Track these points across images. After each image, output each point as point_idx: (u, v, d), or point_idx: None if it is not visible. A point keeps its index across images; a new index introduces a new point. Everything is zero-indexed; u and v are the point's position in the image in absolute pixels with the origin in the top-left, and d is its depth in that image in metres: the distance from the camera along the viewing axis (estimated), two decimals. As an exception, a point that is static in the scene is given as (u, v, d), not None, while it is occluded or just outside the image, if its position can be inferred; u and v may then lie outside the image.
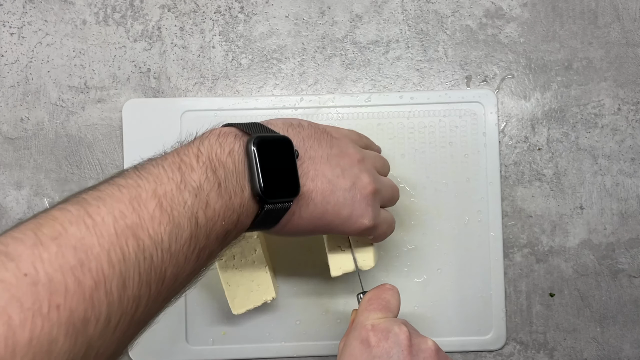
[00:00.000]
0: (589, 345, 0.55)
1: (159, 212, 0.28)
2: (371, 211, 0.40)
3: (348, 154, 0.40)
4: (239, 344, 0.54)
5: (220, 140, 0.34)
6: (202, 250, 0.31)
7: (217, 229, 0.31)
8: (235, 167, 0.33)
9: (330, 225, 0.39)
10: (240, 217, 0.33)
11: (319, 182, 0.38)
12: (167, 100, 0.55)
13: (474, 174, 0.54)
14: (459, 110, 0.54)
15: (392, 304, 0.42)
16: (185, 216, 0.29)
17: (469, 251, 0.54)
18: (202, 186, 0.31)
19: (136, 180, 0.29)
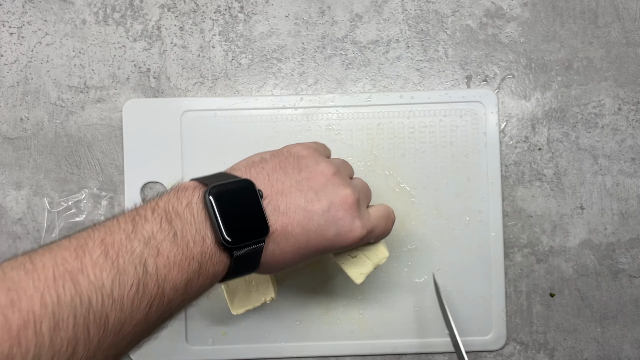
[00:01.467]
0: (589, 345, 0.55)
1: (103, 258, 0.29)
2: (359, 221, 0.39)
3: (319, 172, 0.39)
4: (238, 344, 0.53)
5: (178, 194, 0.34)
6: (155, 299, 0.30)
7: (174, 277, 0.31)
8: (194, 218, 0.33)
9: (320, 248, 0.38)
10: (204, 266, 0.33)
11: (293, 213, 0.37)
12: (167, 100, 0.55)
13: (474, 173, 0.54)
14: (460, 110, 0.54)
15: None
16: (132, 263, 0.30)
17: (470, 251, 0.54)
18: (155, 235, 0.31)
19: (88, 232, 0.30)
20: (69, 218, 0.54)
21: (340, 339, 0.54)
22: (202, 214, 0.34)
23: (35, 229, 0.54)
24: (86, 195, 0.55)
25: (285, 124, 0.54)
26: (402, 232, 0.54)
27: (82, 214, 0.54)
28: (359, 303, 0.54)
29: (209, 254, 0.33)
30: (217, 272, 0.34)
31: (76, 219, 0.54)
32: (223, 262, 0.34)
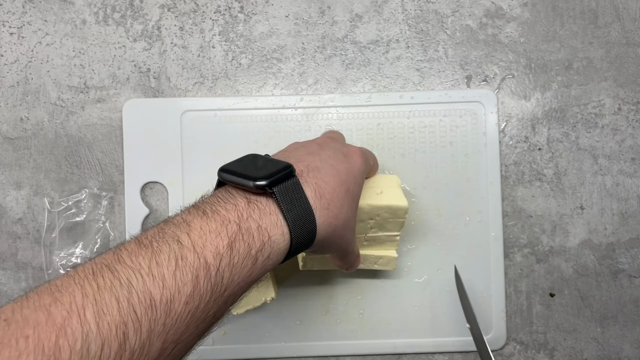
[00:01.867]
0: (589, 345, 0.55)
1: (137, 247, 0.30)
2: (350, 147, 0.42)
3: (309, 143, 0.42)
4: (239, 344, 0.53)
5: (205, 195, 0.36)
6: (199, 269, 0.30)
7: (213, 244, 0.31)
8: (220, 198, 0.34)
9: (349, 171, 0.40)
10: (244, 223, 0.33)
11: (305, 158, 0.38)
12: (167, 100, 0.55)
13: (474, 173, 0.54)
14: (460, 110, 0.54)
15: None
16: (166, 243, 0.30)
17: (470, 251, 0.54)
18: (184, 219, 0.32)
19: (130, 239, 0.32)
20: (69, 218, 0.54)
21: (341, 339, 0.54)
22: (225, 192, 0.35)
23: (35, 229, 0.54)
24: (86, 195, 0.55)
25: (285, 124, 0.54)
26: (402, 232, 0.54)
27: (83, 213, 0.54)
28: (359, 303, 0.54)
29: (247, 213, 0.33)
30: (268, 227, 0.33)
31: (76, 219, 0.54)
32: (267, 214, 0.34)
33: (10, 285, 0.54)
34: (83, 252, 0.54)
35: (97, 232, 0.55)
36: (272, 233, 0.34)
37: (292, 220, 0.34)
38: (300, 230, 0.35)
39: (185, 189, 0.54)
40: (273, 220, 0.34)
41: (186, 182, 0.54)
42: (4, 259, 0.55)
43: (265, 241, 0.33)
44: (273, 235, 0.34)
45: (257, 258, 0.33)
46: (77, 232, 0.55)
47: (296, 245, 0.35)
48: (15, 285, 0.54)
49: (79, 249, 0.54)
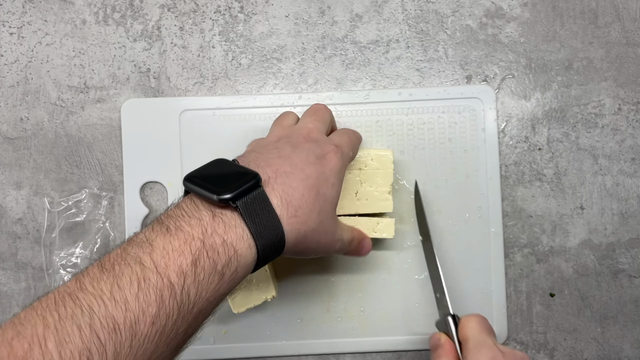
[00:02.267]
0: (589, 345, 0.55)
1: (100, 272, 0.30)
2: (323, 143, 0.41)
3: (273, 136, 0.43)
4: (239, 342, 0.54)
5: (171, 205, 0.36)
6: (163, 289, 0.30)
7: (176, 263, 0.31)
8: (184, 210, 0.34)
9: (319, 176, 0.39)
10: (208, 239, 0.32)
11: (274, 162, 0.38)
12: (165, 100, 0.55)
13: (473, 170, 0.54)
14: (458, 106, 0.54)
15: (494, 332, 0.45)
16: (127, 265, 0.31)
17: (470, 248, 0.54)
18: (147, 237, 0.32)
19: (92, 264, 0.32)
20: (69, 218, 0.54)
21: (341, 337, 0.54)
22: (191, 203, 0.35)
23: (35, 229, 0.54)
24: (86, 195, 0.55)
25: (284, 123, 0.54)
26: (402, 229, 0.54)
27: (83, 213, 0.54)
28: (359, 300, 0.54)
29: (212, 228, 0.33)
30: (233, 242, 0.33)
31: (76, 219, 0.55)
32: (233, 227, 0.34)
33: (10, 285, 0.54)
34: (83, 252, 0.54)
35: (97, 232, 0.55)
36: (238, 247, 0.33)
37: (258, 233, 0.34)
38: (267, 241, 0.35)
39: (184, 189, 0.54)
40: (239, 233, 0.34)
41: (186, 182, 0.54)
42: (4, 259, 0.55)
43: (231, 256, 0.33)
44: (239, 249, 0.33)
45: (223, 273, 0.33)
46: (77, 232, 0.55)
47: (264, 255, 0.35)
48: (15, 285, 0.54)
49: (79, 249, 0.54)
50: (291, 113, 0.48)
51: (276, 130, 0.44)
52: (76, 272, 0.33)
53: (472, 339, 0.42)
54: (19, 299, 0.54)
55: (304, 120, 0.44)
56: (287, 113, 0.48)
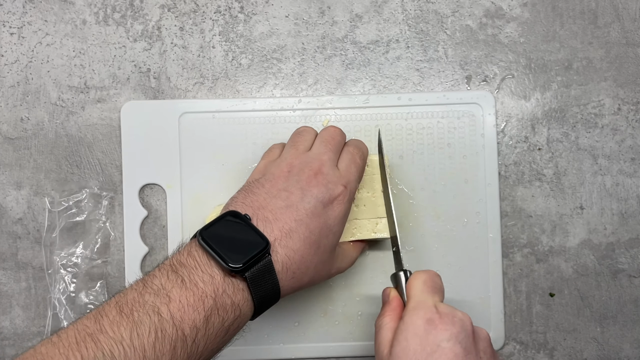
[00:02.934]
0: (589, 345, 0.55)
1: (119, 316, 0.32)
2: (332, 184, 0.42)
3: (277, 175, 0.43)
4: (237, 345, 0.53)
5: (181, 249, 0.38)
6: (177, 340, 0.33)
7: (190, 318, 0.34)
8: (197, 262, 0.36)
9: (323, 227, 0.40)
10: (219, 300, 0.35)
11: (281, 215, 0.39)
12: (165, 102, 0.55)
13: (472, 175, 0.54)
14: (457, 111, 0.54)
15: (443, 289, 0.43)
16: (146, 314, 0.33)
17: (468, 253, 0.54)
18: (164, 286, 0.34)
19: (107, 301, 0.34)
20: (69, 218, 0.55)
21: (339, 340, 0.54)
22: (203, 256, 0.37)
23: (35, 229, 0.55)
24: (87, 195, 0.55)
25: (283, 125, 0.54)
26: (400, 233, 0.54)
27: (83, 213, 0.55)
28: (357, 304, 0.54)
29: (222, 288, 0.35)
30: (240, 303, 0.36)
31: (77, 219, 0.55)
32: (240, 290, 0.36)
33: (11, 285, 0.55)
34: (84, 252, 0.54)
35: (98, 232, 0.55)
36: (242, 308, 0.37)
37: (259, 298, 0.37)
38: (265, 302, 0.38)
39: (183, 191, 0.54)
40: (245, 296, 0.37)
41: (184, 184, 0.54)
42: (4, 259, 0.55)
43: (237, 315, 0.37)
44: (243, 310, 0.37)
45: (228, 329, 0.36)
46: (77, 231, 0.55)
47: (260, 312, 0.39)
48: (16, 285, 0.55)
49: (79, 249, 0.55)
50: (308, 133, 0.47)
51: (290, 156, 0.44)
52: (92, 308, 0.35)
53: (412, 298, 0.41)
54: (19, 299, 0.54)
55: (319, 147, 0.44)
56: (305, 132, 0.47)
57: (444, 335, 0.37)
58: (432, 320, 0.38)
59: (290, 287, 0.40)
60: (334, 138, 0.46)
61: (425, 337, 0.37)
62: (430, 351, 0.37)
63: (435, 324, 0.38)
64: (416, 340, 0.37)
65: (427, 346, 0.37)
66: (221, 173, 0.54)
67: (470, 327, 0.39)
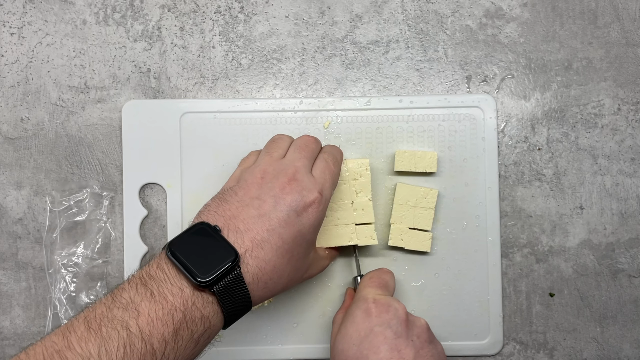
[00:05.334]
0: (589, 345, 0.55)
1: (87, 332, 0.32)
2: (306, 191, 0.41)
3: (250, 183, 0.42)
4: (235, 346, 0.53)
5: (150, 262, 0.38)
6: (146, 354, 0.33)
7: (159, 331, 0.34)
8: (166, 275, 0.36)
9: (296, 235, 0.40)
10: (189, 313, 0.35)
11: (253, 225, 0.39)
12: (166, 102, 0.55)
13: (472, 178, 0.54)
14: (458, 115, 0.54)
15: (390, 284, 0.48)
16: (115, 329, 0.32)
17: (467, 256, 0.54)
18: (132, 299, 0.34)
19: (75, 316, 0.34)
20: (70, 217, 0.55)
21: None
22: (172, 269, 0.36)
23: (35, 229, 0.55)
24: (88, 195, 0.55)
25: (284, 126, 0.54)
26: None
27: (84, 213, 0.55)
28: (357, 304, 0.54)
29: (192, 301, 0.35)
30: (209, 315, 0.36)
31: (77, 218, 0.55)
32: (209, 302, 0.36)
33: (11, 285, 0.55)
34: (84, 251, 0.55)
35: (99, 232, 0.55)
36: (212, 320, 0.37)
37: (229, 310, 0.37)
38: (236, 312, 0.38)
39: (183, 191, 0.54)
40: (215, 309, 0.37)
41: (185, 184, 0.54)
42: (4, 259, 0.55)
43: (207, 327, 0.36)
44: (213, 321, 0.37)
45: (199, 341, 0.36)
46: (78, 231, 0.55)
47: (231, 322, 0.39)
48: (16, 285, 0.55)
49: (80, 249, 0.55)
50: (283, 140, 0.47)
51: (264, 162, 0.43)
52: (59, 325, 0.35)
53: (357, 294, 0.47)
54: (19, 299, 0.54)
55: (293, 154, 0.44)
56: (279, 139, 0.47)
57: (376, 321, 0.43)
58: (368, 310, 0.44)
59: (262, 296, 0.40)
60: (308, 145, 0.45)
61: (361, 324, 0.42)
62: (364, 335, 0.42)
63: (371, 313, 0.43)
64: (353, 327, 0.43)
65: (362, 331, 0.42)
66: (221, 173, 0.54)
67: (403, 315, 0.43)
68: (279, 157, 0.44)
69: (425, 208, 0.52)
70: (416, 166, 0.52)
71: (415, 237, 0.52)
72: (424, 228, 0.52)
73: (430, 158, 0.52)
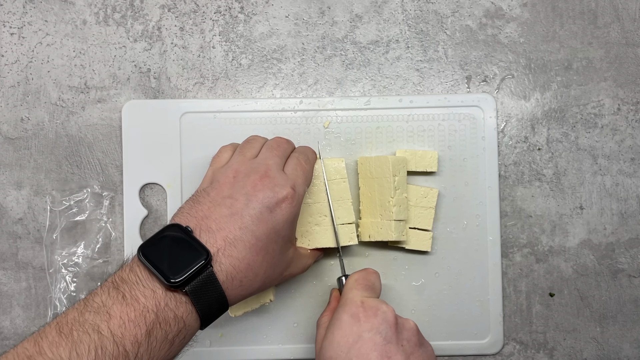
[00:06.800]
0: (589, 345, 0.55)
1: (58, 337, 0.32)
2: (278, 187, 0.41)
3: (222, 183, 0.42)
4: (236, 346, 0.54)
5: (124, 265, 0.38)
6: (118, 356, 0.33)
7: (131, 333, 0.34)
8: (139, 277, 0.36)
9: (270, 232, 0.40)
10: (161, 314, 0.35)
11: (225, 224, 0.39)
12: (166, 102, 0.55)
13: (472, 178, 0.54)
14: (458, 114, 0.54)
15: (376, 285, 0.46)
16: (86, 332, 0.32)
17: (467, 255, 0.54)
18: (104, 303, 0.34)
19: (49, 322, 0.34)
20: (70, 217, 0.55)
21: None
22: (144, 271, 0.36)
23: (35, 229, 0.55)
24: (88, 195, 0.55)
25: (284, 126, 0.54)
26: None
27: (84, 213, 0.55)
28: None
29: (164, 302, 0.35)
30: (183, 315, 0.36)
31: (78, 218, 0.55)
32: (183, 303, 0.36)
33: (11, 285, 0.55)
34: (85, 251, 0.55)
35: (99, 232, 0.55)
36: (187, 320, 0.36)
37: (203, 309, 0.37)
38: (212, 312, 0.38)
39: (183, 191, 0.54)
40: (188, 309, 0.36)
41: (185, 184, 0.54)
42: (4, 259, 0.55)
43: (181, 327, 0.36)
44: (188, 321, 0.36)
45: (173, 341, 0.36)
46: (78, 231, 0.55)
47: (207, 321, 0.38)
48: (16, 285, 0.55)
49: (80, 249, 0.55)
50: (256, 141, 0.47)
51: (237, 162, 0.44)
52: (33, 331, 0.34)
53: (343, 296, 0.45)
54: (19, 299, 0.54)
55: (265, 153, 0.44)
56: (253, 140, 0.47)
57: (365, 327, 0.41)
58: (356, 314, 0.42)
59: (239, 295, 0.39)
60: (280, 145, 0.46)
61: (349, 330, 0.41)
62: (352, 342, 0.41)
63: (359, 317, 0.42)
64: (341, 333, 0.41)
65: (350, 337, 0.41)
66: (221, 173, 0.54)
67: (392, 319, 0.42)
68: (251, 157, 0.44)
69: (425, 207, 0.52)
70: (416, 165, 0.52)
71: (416, 236, 0.52)
72: (425, 227, 0.52)
73: (430, 157, 0.52)
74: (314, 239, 0.50)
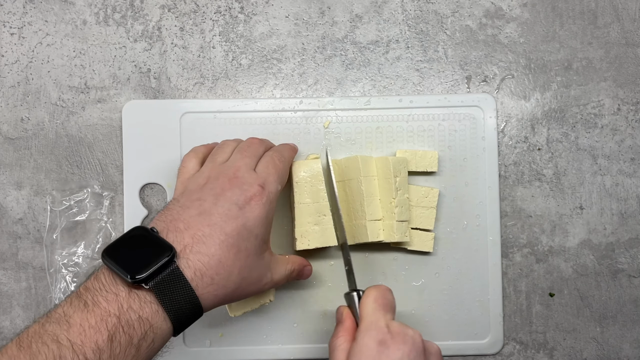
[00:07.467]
0: (589, 345, 0.55)
1: (17, 350, 0.32)
2: (247, 185, 0.41)
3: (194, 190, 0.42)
4: (236, 346, 0.54)
5: (90, 277, 0.37)
6: None
7: (92, 340, 0.33)
8: (102, 283, 0.36)
9: (241, 229, 0.39)
10: (124, 316, 0.34)
11: (195, 223, 0.38)
12: (166, 102, 0.55)
13: (472, 178, 0.54)
14: (458, 114, 0.54)
15: (394, 304, 0.43)
16: (44, 344, 0.32)
17: (467, 255, 0.54)
18: (65, 313, 0.34)
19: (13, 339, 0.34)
20: (70, 217, 0.55)
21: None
22: (109, 277, 0.36)
23: (35, 229, 0.55)
24: (88, 195, 0.55)
25: (284, 126, 0.54)
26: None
27: (84, 213, 0.55)
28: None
29: (127, 304, 0.35)
30: (149, 317, 0.35)
31: (78, 218, 0.55)
32: (148, 302, 0.35)
33: (11, 285, 0.55)
34: (85, 251, 0.55)
35: (99, 232, 0.55)
36: (153, 321, 0.35)
37: (171, 308, 0.36)
38: (182, 313, 0.36)
39: (184, 190, 0.54)
40: (154, 309, 0.35)
41: (186, 183, 0.54)
42: (4, 259, 0.55)
43: (147, 329, 0.35)
44: (155, 323, 0.35)
45: (140, 345, 0.35)
46: (78, 231, 0.55)
47: (180, 324, 0.37)
48: (16, 285, 0.55)
49: (80, 249, 0.55)
50: (228, 146, 0.47)
51: (208, 169, 0.44)
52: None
53: (365, 319, 0.42)
54: (19, 299, 0.54)
55: (235, 156, 0.44)
56: (225, 145, 0.47)
57: (395, 355, 0.38)
58: (384, 341, 0.39)
59: (213, 294, 0.38)
60: (251, 146, 0.46)
61: (378, 358, 0.38)
62: None
63: (388, 345, 0.39)
64: None
65: None
66: (221, 173, 0.54)
67: (421, 344, 0.40)
68: (222, 162, 0.44)
69: (427, 207, 0.52)
70: (417, 166, 0.52)
71: (418, 237, 0.52)
72: (427, 228, 0.52)
73: (430, 157, 0.53)
74: (314, 239, 0.49)
